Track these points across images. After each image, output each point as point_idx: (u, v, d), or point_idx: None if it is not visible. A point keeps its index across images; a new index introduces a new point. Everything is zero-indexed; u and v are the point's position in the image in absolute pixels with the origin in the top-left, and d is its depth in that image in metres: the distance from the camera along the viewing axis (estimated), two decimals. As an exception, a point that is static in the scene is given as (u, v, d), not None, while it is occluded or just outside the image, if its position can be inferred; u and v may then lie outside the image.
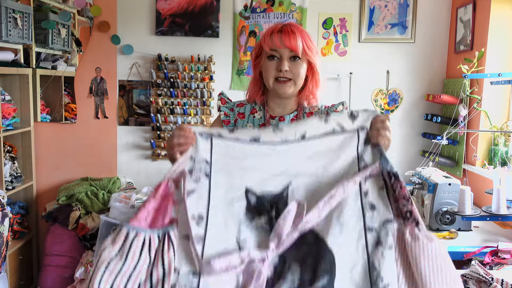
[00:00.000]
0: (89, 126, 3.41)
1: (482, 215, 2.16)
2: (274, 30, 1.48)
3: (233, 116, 1.58)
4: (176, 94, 3.32)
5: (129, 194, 3.07)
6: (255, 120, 1.56)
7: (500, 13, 2.75)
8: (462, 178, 2.77)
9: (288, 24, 1.49)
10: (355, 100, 3.31)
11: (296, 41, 1.44)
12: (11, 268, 2.97)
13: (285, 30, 1.46)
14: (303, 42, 1.45)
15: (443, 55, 3.31)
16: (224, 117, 1.58)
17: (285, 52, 1.46)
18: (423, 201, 2.38)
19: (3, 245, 2.40)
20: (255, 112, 1.57)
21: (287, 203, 1.13)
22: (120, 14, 3.31)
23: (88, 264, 2.93)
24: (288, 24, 1.49)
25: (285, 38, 1.44)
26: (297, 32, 1.46)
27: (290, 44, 1.44)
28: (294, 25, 1.49)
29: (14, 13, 2.80)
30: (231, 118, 1.58)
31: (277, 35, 1.46)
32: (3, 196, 2.61)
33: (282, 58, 1.46)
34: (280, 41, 1.45)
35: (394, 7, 3.27)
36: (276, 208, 1.13)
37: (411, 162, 3.36)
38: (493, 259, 1.94)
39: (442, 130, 3.09)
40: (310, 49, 1.47)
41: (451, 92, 3.11)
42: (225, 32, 3.32)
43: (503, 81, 2.33)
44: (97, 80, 3.37)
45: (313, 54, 1.49)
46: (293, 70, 1.47)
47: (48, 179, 3.43)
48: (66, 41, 3.31)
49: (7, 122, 3.02)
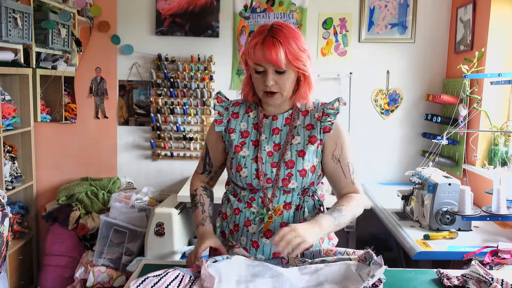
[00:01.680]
0: (89, 126, 3.41)
1: (482, 215, 2.16)
2: (258, 42, 1.38)
3: (227, 115, 1.57)
4: (176, 94, 3.32)
5: (129, 194, 3.07)
6: (249, 120, 1.55)
7: (500, 13, 2.75)
8: (462, 178, 2.77)
9: (273, 31, 1.38)
10: (355, 100, 3.31)
11: (278, 55, 1.36)
12: (11, 268, 2.97)
13: (267, 42, 1.37)
14: (287, 53, 1.37)
15: (443, 55, 3.31)
16: (218, 117, 1.57)
17: (269, 67, 1.39)
18: (423, 201, 2.38)
19: (3, 245, 2.40)
20: (250, 112, 1.56)
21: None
22: (120, 14, 3.31)
23: (88, 264, 2.93)
24: (273, 31, 1.38)
25: (266, 53, 1.36)
26: (280, 42, 1.36)
27: (271, 60, 1.36)
28: (278, 32, 1.38)
29: (14, 13, 2.80)
30: (224, 118, 1.56)
31: (259, 49, 1.37)
32: (3, 196, 2.60)
33: (267, 72, 1.40)
34: (263, 56, 1.37)
35: (394, 7, 3.27)
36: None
37: (411, 162, 3.36)
38: (493, 259, 1.94)
39: (442, 130, 3.09)
40: (296, 58, 1.39)
41: (451, 92, 3.11)
42: (225, 32, 3.32)
43: (503, 81, 2.33)
44: (97, 80, 3.37)
45: (301, 62, 1.40)
46: (279, 82, 1.42)
47: (48, 179, 3.43)
48: (66, 41, 3.31)
49: (7, 122, 3.02)
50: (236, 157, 1.51)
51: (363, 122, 3.35)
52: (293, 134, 1.50)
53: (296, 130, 1.50)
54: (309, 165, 1.47)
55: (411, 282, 1.40)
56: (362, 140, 3.35)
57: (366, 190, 3.14)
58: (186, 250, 2.88)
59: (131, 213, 2.99)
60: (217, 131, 1.57)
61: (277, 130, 1.51)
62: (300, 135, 1.49)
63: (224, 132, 1.56)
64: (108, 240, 2.93)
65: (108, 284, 2.87)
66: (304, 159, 1.46)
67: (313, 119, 1.51)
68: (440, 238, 2.22)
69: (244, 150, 1.51)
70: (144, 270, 1.45)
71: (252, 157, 1.49)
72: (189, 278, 1.29)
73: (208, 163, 1.64)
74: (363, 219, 3.10)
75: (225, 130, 1.55)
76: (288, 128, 1.51)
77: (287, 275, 1.30)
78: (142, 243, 2.91)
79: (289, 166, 1.46)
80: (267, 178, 1.47)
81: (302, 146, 1.48)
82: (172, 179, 3.45)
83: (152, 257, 2.77)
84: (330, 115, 1.49)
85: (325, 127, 1.49)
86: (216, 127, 1.56)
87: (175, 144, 3.40)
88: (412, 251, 2.12)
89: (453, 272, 1.43)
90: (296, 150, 1.48)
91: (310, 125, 1.50)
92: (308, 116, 1.52)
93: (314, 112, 1.52)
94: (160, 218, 2.79)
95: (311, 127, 1.50)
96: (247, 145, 1.51)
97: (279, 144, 1.50)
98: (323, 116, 1.49)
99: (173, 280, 1.27)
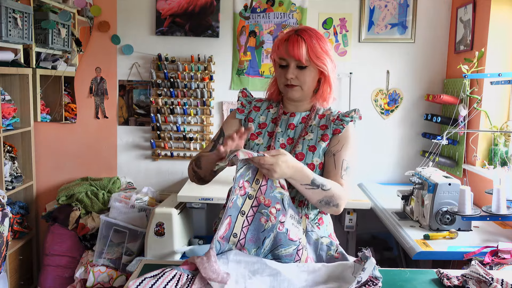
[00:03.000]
0: (89, 126, 3.42)
1: (482, 215, 2.16)
2: (283, 38, 1.52)
3: (249, 107, 1.67)
4: (176, 94, 3.32)
5: (129, 194, 3.07)
6: (269, 114, 1.65)
7: (500, 13, 2.75)
8: (462, 178, 2.77)
9: (298, 30, 1.51)
10: (355, 100, 3.31)
11: (300, 51, 1.48)
12: (11, 268, 2.97)
13: (291, 38, 1.49)
14: (309, 50, 1.49)
15: (443, 55, 3.31)
16: (240, 106, 1.68)
17: (291, 61, 1.51)
18: (423, 201, 2.38)
19: (3, 245, 2.40)
20: (271, 108, 1.67)
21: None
22: (120, 14, 3.31)
23: (88, 264, 2.93)
24: (299, 30, 1.51)
25: (289, 47, 1.49)
26: (305, 39, 1.49)
27: (293, 54, 1.48)
28: (304, 31, 1.51)
29: (14, 13, 2.80)
30: (246, 109, 1.67)
31: (283, 44, 1.50)
32: (3, 196, 2.61)
33: (289, 66, 1.52)
34: (285, 50, 1.50)
35: (394, 7, 3.27)
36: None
37: (411, 162, 3.36)
38: (493, 259, 1.94)
39: (442, 130, 3.09)
40: (318, 56, 1.50)
41: (451, 92, 3.11)
42: (225, 32, 3.32)
43: (503, 81, 2.33)
44: (97, 80, 3.37)
45: (321, 60, 1.51)
46: (300, 77, 1.53)
47: (48, 179, 3.43)
48: (66, 41, 3.31)
49: (7, 122, 3.02)
50: (249, 144, 1.58)
51: (363, 122, 3.31)
52: (307, 131, 1.58)
53: (310, 128, 1.58)
54: (318, 161, 1.53)
55: (411, 282, 1.40)
56: (362, 140, 3.35)
57: (366, 190, 3.15)
58: (186, 250, 2.88)
59: (131, 213, 2.99)
60: (237, 119, 1.66)
61: (293, 126, 1.60)
62: (313, 133, 1.57)
63: (244, 121, 1.65)
64: (108, 240, 2.93)
65: (108, 284, 2.87)
66: (314, 154, 1.53)
67: (328, 121, 1.59)
68: (440, 238, 2.22)
69: (259, 139, 1.59)
70: (144, 270, 1.45)
71: (266, 146, 1.57)
72: (186, 277, 1.29)
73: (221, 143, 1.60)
74: (363, 219, 3.12)
75: (245, 119, 1.65)
76: (303, 125, 1.59)
77: (285, 274, 1.30)
78: (142, 243, 2.92)
79: (299, 158, 1.52)
80: None
81: (314, 142, 1.55)
82: (172, 179, 3.45)
83: (152, 257, 2.77)
84: (344, 121, 1.58)
85: (335, 129, 1.56)
86: (238, 114, 1.66)
87: (175, 144, 3.40)
88: (412, 251, 2.12)
89: (453, 272, 1.43)
90: (308, 145, 1.54)
91: (325, 125, 1.59)
92: (324, 119, 1.61)
93: (330, 116, 1.60)
94: (160, 218, 2.79)
95: (325, 128, 1.58)
96: (263, 135, 1.60)
97: (293, 138, 1.58)
98: (337, 120, 1.58)
99: (170, 279, 1.27)
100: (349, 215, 2.86)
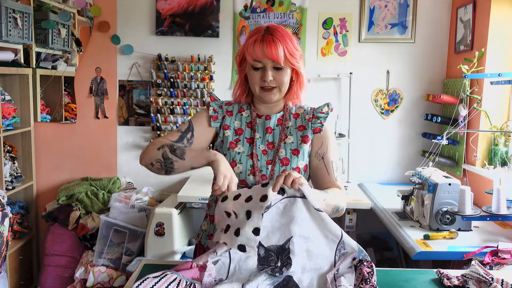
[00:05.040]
0: (89, 126, 3.41)
1: (482, 215, 2.16)
2: (257, 39, 1.45)
3: (222, 113, 1.61)
4: (176, 94, 3.32)
5: (129, 194, 3.07)
6: (242, 118, 1.60)
7: (500, 13, 2.75)
8: (462, 178, 2.77)
9: (270, 30, 1.46)
10: (355, 100, 3.31)
11: (277, 51, 1.43)
12: (11, 268, 2.97)
13: (266, 39, 1.44)
14: (285, 50, 1.44)
15: (443, 55, 3.31)
16: (213, 113, 1.60)
17: (268, 63, 1.45)
18: (423, 201, 2.38)
19: (3, 245, 2.40)
20: (243, 111, 1.61)
21: (289, 253, 1.28)
22: (120, 14, 3.31)
23: (88, 264, 2.93)
24: (270, 30, 1.46)
25: (266, 49, 1.43)
26: (279, 39, 1.44)
27: (272, 56, 1.43)
28: (275, 31, 1.46)
29: (14, 13, 2.80)
30: (219, 115, 1.60)
31: (259, 46, 1.44)
32: (3, 196, 2.61)
33: (265, 68, 1.46)
34: (262, 52, 1.43)
35: (394, 7, 3.27)
36: (280, 258, 1.28)
37: (411, 162, 3.36)
38: (493, 259, 1.94)
39: (442, 130, 3.09)
40: (292, 55, 1.46)
41: (451, 92, 3.11)
42: (225, 32, 3.32)
43: (503, 81, 2.33)
44: (97, 80, 3.37)
45: (296, 59, 1.48)
46: (277, 78, 1.48)
47: (48, 179, 3.43)
48: (66, 41, 3.31)
49: (7, 122, 3.02)
50: (230, 153, 1.53)
51: (363, 122, 3.35)
52: (286, 134, 1.55)
53: (288, 130, 1.56)
54: (303, 164, 1.52)
55: (411, 282, 1.40)
56: (362, 140, 3.35)
57: (366, 190, 3.15)
58: (186, 250, 2.88)
59: (131, 213, 2.99)
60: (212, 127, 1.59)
61: (270, 129, 1.57)
62: (293, 135, 1.55)
63: (219, 128, 1.60)
64: (108, 240, 2.93)
65: (108, 284, 2.87)
66: (299, 157, 1.52)
67: (304, 121, 1.57)
68: (440, 238, 2.22)
69: (239, 147, 1.54)
70: (144, 270, 1.45)
71: (247, 154, 1.53)
72: (185, 283, 1.29)
73: (188, 138, 1.55)
74: (363, 219, 3.12)
75: (220, 126, 1.60)
76: (280, 128, 1.57)
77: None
78: (142, 243, 2.91)
79: (284, 163, 1.51)
80: (262, 175, 1.50)
81: (296, 145, 1.53)
82: (172, 179, 3.44)
83: (152, 257, 2.77)
84: (320, 118, 1.56)
85: (315, 128, 1.56)
86: (212, 123, 1.59)
87: (175, 144, 3.39)
88: (412, 251, 2.12)
89: (453, 272, 1.43)
90: (290, 149, 1.53)
91: (302, 126, 1.57)
92: (299, 119, 1.59)
93: (305, 115, 1.58)
94: (160, 218, 2.79)
95: (303, 128, 1.57)
96: (242, 142, 1.56)
97: (273, 142, 1.55)
98: (313, 119, 1.56)
99: (171, 282, 1.27)
100: (349, 215, 2.86)
